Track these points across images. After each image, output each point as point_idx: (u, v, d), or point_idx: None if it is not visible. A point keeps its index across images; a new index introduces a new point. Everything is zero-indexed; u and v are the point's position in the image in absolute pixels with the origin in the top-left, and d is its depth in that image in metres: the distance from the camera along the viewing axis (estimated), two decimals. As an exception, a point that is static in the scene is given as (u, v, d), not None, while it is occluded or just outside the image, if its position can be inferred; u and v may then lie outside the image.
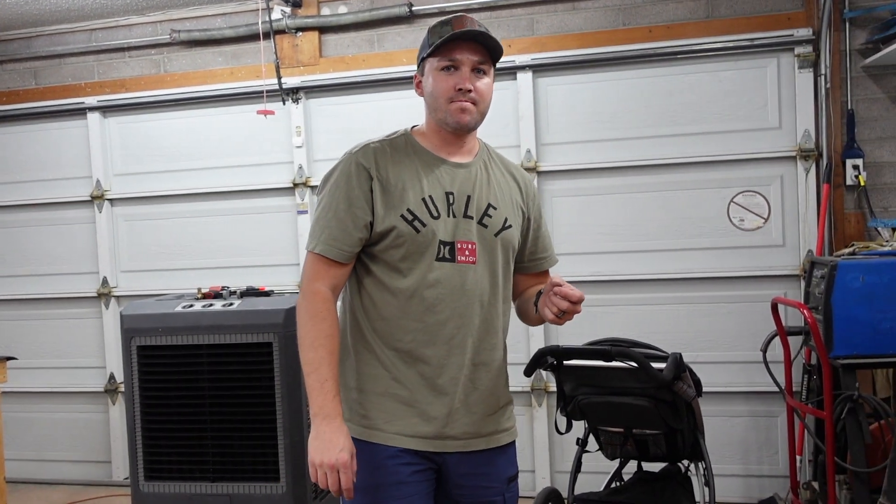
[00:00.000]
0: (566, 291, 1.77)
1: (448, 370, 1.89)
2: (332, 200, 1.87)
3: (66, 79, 4.93)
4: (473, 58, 1.88)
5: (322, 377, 1.80)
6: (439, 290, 1.87)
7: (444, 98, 1.88)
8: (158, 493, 3.45)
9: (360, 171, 1.88)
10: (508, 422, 2.03)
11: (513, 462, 2.04)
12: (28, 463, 5.02)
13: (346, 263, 1.88)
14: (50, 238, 4.98)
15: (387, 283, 1.88)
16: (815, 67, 3.90)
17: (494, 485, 1.97)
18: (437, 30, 1.89)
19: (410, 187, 1.88)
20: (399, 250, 1.86)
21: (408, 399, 1.88)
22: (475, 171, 1.97)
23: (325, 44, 4.53)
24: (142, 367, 3.48)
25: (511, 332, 4.50)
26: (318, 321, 1.83)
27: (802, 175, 3.94)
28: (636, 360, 2.65)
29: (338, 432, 1.77)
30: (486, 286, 1.93)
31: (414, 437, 1.87)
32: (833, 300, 3.17)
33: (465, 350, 1.90)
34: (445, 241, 1.88)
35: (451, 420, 1.89)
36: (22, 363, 4.53)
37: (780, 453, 4.03)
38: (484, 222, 1.92)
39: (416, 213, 1.86)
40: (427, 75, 1.92)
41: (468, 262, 1.89)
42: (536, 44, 4.22)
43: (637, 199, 4.15)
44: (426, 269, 1.86)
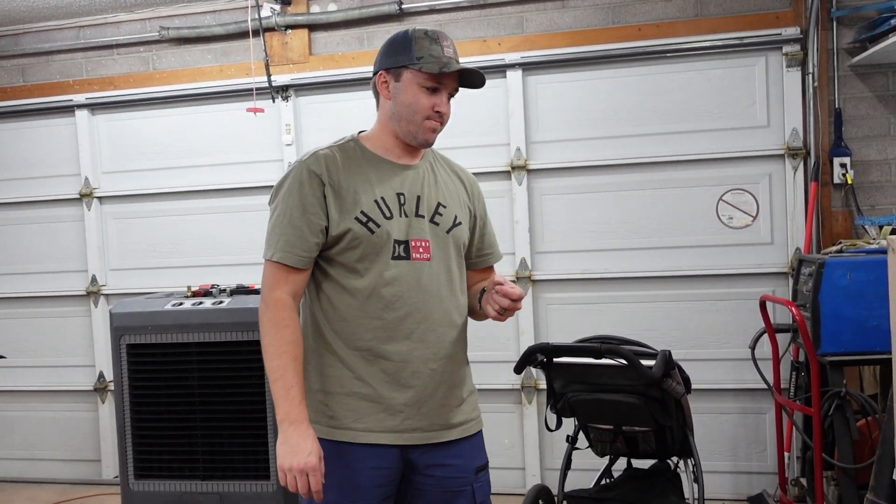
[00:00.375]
0: (507, 290, 1.85)
1: (410, 365, 1.94)
2: (287, 208, 1.91)
3: (55, 76, 4.90)
4: (454, 84, 1.97)
5: (287, 384, 1.84)
6: (397, 288, 1.92)
7: (422, 115, 1.94)
8: (148, 491, 3.44)
9: (312, 177, 1.92)
10: (474, 412, 2.09)
11: (481, 452, 2.09)
12: (17, 462, 4.99)
13: (304, 269, 1.92)
14: (38, 236, 4.95)
15: (345, 285, 1.93)
16: (803, 66, 3.92)
17: (462, 475, 2.00)
18: (427, 46, 1.92)
19: (362, 190, 1.93)
20: (355, 252, 1.91)
21: (372, 396, 1.92)
22: (423, 171, 2.03)
23: (314, 41, 4.52)
24: (131, 366, 3.47)
25: (500, 330, 4.54)
26: (280, 329, 1.87)
27: (790, 173, 3.97)
28: (626, 358, 2.66)
29: (305, 436, 1.82)
30: (442, 281, 1.99)
31: (382, 431, 1.92)
32: (821, 298, 3.20)
33: (427, 344, 1.95)
34: (400, 239, 1.94)
35: (417, 413, 1.94)
36: (10, 362, 4.54)
37: (768, 450, 4.05)
38: (435, 220, 1.99)
39: (370, 215, 1.91)
40: (406, 85, 1.94)
41: (423, 258, 1.95)
42: (526, 42, 4.23)
43: (626, 197, 4.17)
44: (383, 267, 1.92)
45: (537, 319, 4.28)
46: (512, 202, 4.26)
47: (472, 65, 4.32)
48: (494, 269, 2.21)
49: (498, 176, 4.29)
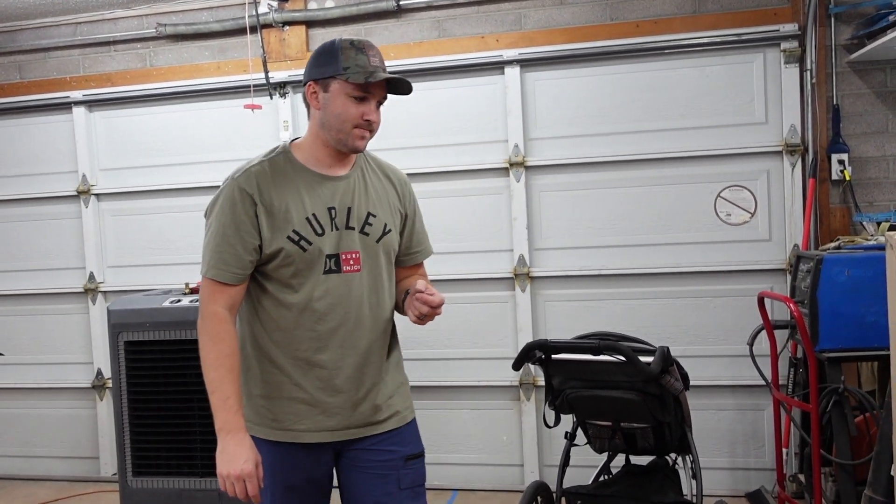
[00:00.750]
0: (426, 298, 1.94)
1: (343, 371, 2.04)
2: (220, 226, 1.98)
3: (51, 73, 4.89)
4: (382, 93, 2.02)
5: (224, 395, 1.94)
6: (328, 301, 2.00)
7: (351, 124, 1.98)
8: (146, 488, 3.45)
9: (244, 196, 1.97)
10: (404, 403, 2.19)
11: (413, 441, 2.17)
12: (15, 459, 4.99)
13: (239, 284, 2.00)
14: (36, 233, 4.94)
15: (280, 299, 2.01)
16: (801, 63, 3.92)
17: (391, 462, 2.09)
18: (353, 56, 1.95)
19: (293, 207, 1.99)
20: (289, 269, 1.99)
21: (310, 400, 2.03)
22: (353, 181, 2.08)
23: (312, 38, 4.51)
24: (129, 363, 3.47)
25: (498, 327, 4.55)
26: (216, 342, 1.96)
27: (788, 170, 3.97)
28: (624, 354, 2.66)
29: (241, 445, 1.93)
30: (372, 290, 2.07)
31: (320, 431, 2.03)
32: (819, 294, 3.20)
33: (358, 350, 2.05)
34: (331, 253, 2.01)
35: (352, 413, 2.05)
36: (8, 359, 4.53)
37: (766, 446, 4.06)
38: (365, 231, 2.06)
39: (302, 233, 1.98)
40: (334, 96, 1.97)
41: (353, 270, 2.03)
42: (524, 38, 4.22)
43: (624, 194, 4.17)
44: (315, 283, 1.99)
45: (535, 316, 4.28)
46: (510, 199, 4.26)
47: (471, 61, 4.36)
48: (424, 266, 2.30)
49: (496, 172, 4.29)
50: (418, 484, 2.14)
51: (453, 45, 4.30)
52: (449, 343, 4.39)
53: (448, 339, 4.39)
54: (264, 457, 2.00)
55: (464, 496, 4.30)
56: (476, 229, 4.34)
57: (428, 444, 4.55)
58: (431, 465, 4.48)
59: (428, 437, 4.52)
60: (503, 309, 4.33)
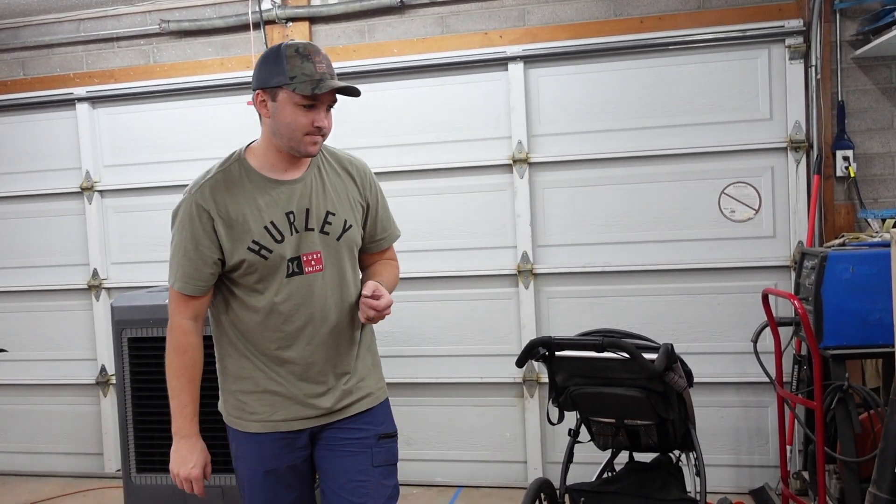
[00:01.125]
0: (371, 303, 2.00)
1: (314, 365, 2.11)
2: (181, 240, 2.05)
3: (55, 69, 4.89)
4: (331, 98, 2.03)
5: (182, 402, 2.08)
6: (292, 302, 2.06)
7: (301, 132, 1.99)
8: (150, 485, 3.45)
9: (201, 212, 2.02)
10: (377, 384, 2.24)
11: (385, 421, 2.23)
12: (19, 455, 5.00)
13: (203, 295, 2.08)
14: (40, 230, 4.95)
15: (247, 303, 2.08)
16: (806, 59, 3.90)
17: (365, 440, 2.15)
18: (300, 65, 1.94)
19: (251, 217, 2.02)
20: (253, 276, 2.04)
21: (285, 392, 2.11)
22: (310, 182, 2.10)
23: (315, 34, 4.50)
24: (133, 359, 3.48)
25: (502, 324, 4.54)
26: (179, 353, 2.07)
27: (793, 166, 3.95)
28: (628, 351, 2.66)
29: (192, 450, 2.08)
30: (336, 286, 2.11)
31: (297, 419, 2.11)
32: (823, 291, 3.19)
33: (327, 345, 2.11)
34: (292, 257, 2.05)
35: (325, 400, 2.12)
36: (12, 355, 4.54)
37: (770, 443, 4.05)
38: (325, 230, 2.09)
39: (262, 243, 2.02)
40: (282, 105, 1.98)
41: (316, 270, 2.08)
42: (527, 34, 4.21)
43: (628, 191, 4.16)
44: (278, 286, 2.05)
45: (539, 313, 4.28)
46: (514, 195, 4.25)
47: (474, 57, 4.34)
48: (392, 249, 2.34)
49: (499, 169, 4.28)
50: (391, 462, 2.20)
51: (456, 41, 4.29)
52: (452, 340, 4.39)
53: (451, 335, 4.39)
54: (244, 447, 2.15)
55: (467, 493, 4.30)
56: (479, 226, 4.33)
57: (432, 440, 4.58)
58: (435, 462, 4.52)
59: (432, 434, 4.56)
60: (506, 306, 4.32)
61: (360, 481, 2.12)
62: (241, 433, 2.15)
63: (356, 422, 2.16)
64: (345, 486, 2.11)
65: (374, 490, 2.13)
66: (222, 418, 2.21)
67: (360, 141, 4.36)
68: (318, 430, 2.15)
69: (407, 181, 4.35)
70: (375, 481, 2.13)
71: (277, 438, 2.12)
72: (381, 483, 2.14)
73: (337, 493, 2.12)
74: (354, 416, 2.16)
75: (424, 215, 4.33)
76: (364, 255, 2.27)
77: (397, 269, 2.31)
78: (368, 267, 2.27)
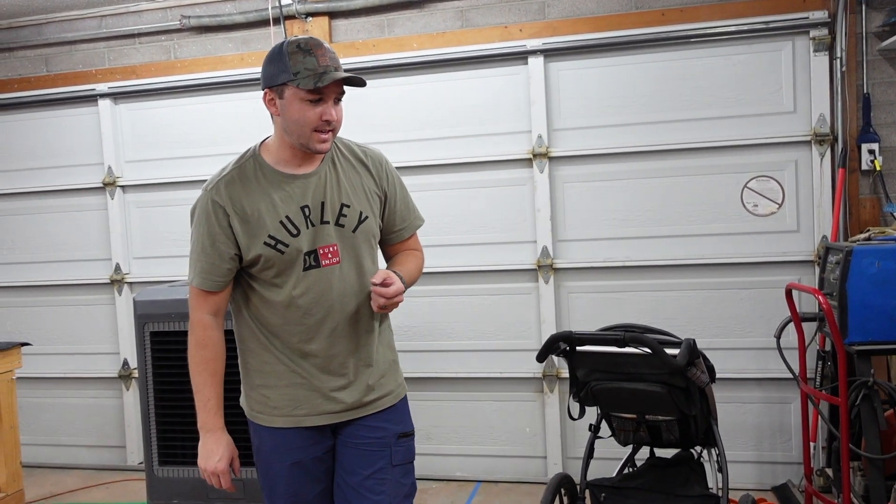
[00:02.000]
0: (380, 290, 1.98)
1: (336, 358, 2.11)
2: (199, 237, 2.07)
3: (77, 65, 4.93)
4: (337, 90, 2.01)
5: (206, 397, 2.10)
6: (311, 296, 2.06)
7: (310, 128, 1.99)
8: (172, 477, 3.48)
9: (217, 208, 2.04)
10: (394, 382, 2.24)
11: (403, 420, 2.23)
12: (43, 448, 5.06)
13: (222, 290, 2.10)
14: (63, 225, 5.00)
15: (266, 297, 2.09)
16: (831, 51, 3.85)
17: (384, 439, 2.16)
18: (302, 60, 1.95)
19: (266, 212, 2.04)
20: (271, 270, 2.06)
21: (308, 385, 2.11)
22: (324, 175, 2.10)
23: (335, 29, 4.51)
24: (155, 353, 3.50)
25: (522, 319, 4.52)
26: (200, 348, 2.10)
27: (817, 160, 3.91)
28: (649, 346, 2.64)
29: (218, 443, 2.11)
30: (353, 278, 2.11)
31: (319, 414, 2.12)
32: (848, 286, 3.15)
33: (348, 337, 2.11)
34: (308, 250, 2.06)
35: (348, 394, 2.13)
36: (36, 349, 4.58)
37: (793, 440, 4.02)
38: (341, 222, 2.09)
39: (278, 237, 2.03)
40: (289, 102, 1.99)
41: (332, 263, 2.08)
42: (548, 28, 4.19)
43: (650, 185, 4.13)
44: (295, 280, 2.06)
45: (559, 308, 4.26)
46: (533, 190, 4.23)
47: (494, 51, 4.32)
48: (416, 237, 2.32)
49: (519, 163, 4.27)
50: (409, 461, 2.20)
51: (476, 35, 4.27)
52: (472, 335, 4.39)
53: (471, 330, 4.38)
54: (269, 441, 2.16)
55: (487, 487, 4.30)
56: (499, 220, 4.32)
57: (451, 435, 4.58)
58: (455, 457, 4.52)
59: (451, 429, 4.56)
60: (526, 300, 4.31)
61: (378, 479, 2.13)
62: (265, 428, 2.16)
63: (376, 420, 2.16)
64: (363, 482, 2.12)
65: (392, 488, 2.14)
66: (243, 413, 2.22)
67: (380, 136, 4.36)
68: (339, 425, 2.16)
69: (427, 176, 4.35)
70: (394, 479, 2.14)
71: (301, 432, 2.13)
72: (400, 482, 2.16)
73: (354, 488, 2.13)
74: (375, 414, 2.17)
75: (444, 210, 4.32)
76: (387, 247, 2.27)
77: (420, 259, 2.30)
78: (391, 258, 2.27)
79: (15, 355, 3.50)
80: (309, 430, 2.13)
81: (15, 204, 5.06)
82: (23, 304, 5.09)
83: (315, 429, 2.14)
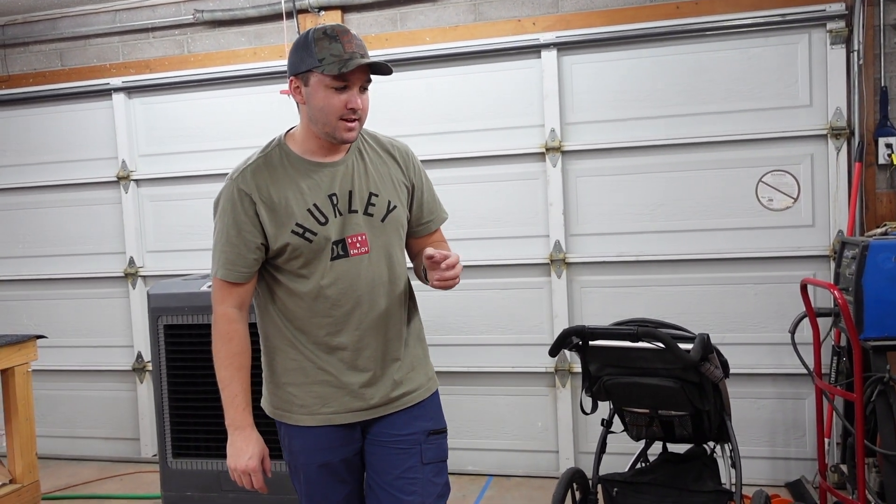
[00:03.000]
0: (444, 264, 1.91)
1: (365, 351, 2.06)
2: (224, 227, 2.02)
3: (91, 60, 4.95)
4: (363, 77, 1.98)
5: (233, 392, 2.03)
6: (339, 287, 2.02)
7: (335, 116, 1.95)
8: (186, 469, 3.50)
9: (243, 196, 2.00)
10: (424, 376, 2.19)
11: (434, 416, 2.18)
12: (59, 440, 5.11)
13: (247, 282, 2.04)
14: (77, 219, 5.03)
15: (293, 289, 2.04)
16: (848, 43, 3.81)
17: (413, 436, 2.11)
18: (328, 46, 1.92)
19: (294, 201, 2.00)
20: (298, 260, 2.01)
21: (335, 382, 2.06)
22: (351, 164, 2.07)
23: (347, 23, 4.50)
24: (168, 346, 3.52)
25: (535, 313, 4.51)
26: (225, 342, 2.03)
27: (833, 154, 3.87)
28: (663, 341, 2.62)
29: (248, 441, 2.04)
30: (383, 268, 2.08)
31: (348, 412, 2.07)
32: (864, 281, 3.13)
33: (376, 330, 2.07)
34: (337, 239, 2.01)
35: (376, 392, 2.08)
36: (51, 342, 4.61)
37: (807, 436, 3.99)
38: (369, 211, 2.05)
39: (305, 225, 1.99)
40: (315, 89, 1.95)
41: (361, 253, 2.04)
42: (561, 21, 4.16)
43: (663, 179, 4.10)
44: (323, 270, 2.01)
45: (571, 302, 4.25)
46: (546, 184, 4.22)
47: (507, 45, 4.30)
48: (441, 231, 2.29)
49: (532, 157, 4.25)
50: (441, 459, 2.15)
51: (489, 28, 4.26)
52: (484, 329, 4.38)
53: (483, 325, 4.38)
54: (297, 441, 2.10)
55: (498, 482, 4.30)
56: (512, 215, 4.31)
57: (463, 429, 4.58)
58: (467, 451, 4.52)
59: (463, 423, 4.55)
60: (539, 295, 4.30)
61: (409, 479, 2.07)
62: (293, 427, 2.10)
63: (406, 416, 2.11)
64: (393, 482, 2.07)
65: (423, 488, 2.08)
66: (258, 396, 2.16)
67: (392, 130, 4.29)
68: (368, 424, 2.11)
69: (439, 170, 4.33)
70: (425, 479, 2.08)
71: (329, 432, 2.08)
72: (432, 481, 2.10)
73: (385, 489, 2.07)
74: (404, 411, 2.11)
75: (456, 204, 4.31)
76: (413, 241, 2.23)
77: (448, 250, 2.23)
78: (419, 253, 2.20)
79: (30, 348, 3.52)
80: (338, 429, 2.08)
81: (30, 198, 5.10)
82: (38, 297, 5.12)
83: (344, 428, 2.09)
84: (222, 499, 3.41)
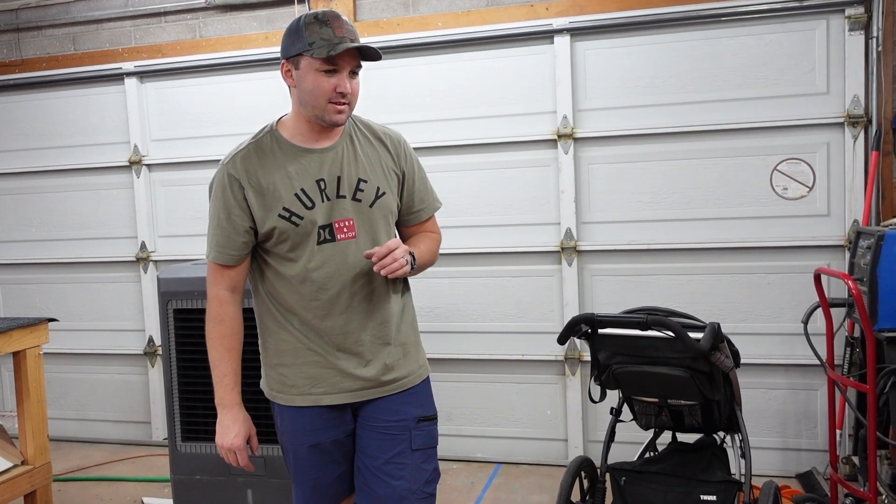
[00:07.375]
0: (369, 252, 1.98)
1: (351, 335, 2.09)
2: (215, 211, 2.10)
3: (104, 44, 4.95)
4: (353, 62, 2.01)
5: (222, 372, 2.11)
6: (326, 270, 2.05)
7: (325, 99, 1.99)
8: (195, 453, 3.51)
9: (232, 181, 2.06)
10: (415, 363, 2.22)
11: (425, 403, 2.21)
12: (70, 422, 5.15)
13: (238, 264, 2.11)
14: (89, 203, 5.05)
15: (281, 272, 2.09)
16: (867, 30, 3.75)
17: (403, 422, 2.14)
18: (318, 30, 1.95)
19: (282, 186, 2.04)
20: (286, 244, 2.06)
21: (325, 363, 2.10)
22: (341, 150, 2.10)
23: (359, 8, 4.47)
24: (178, 330, 3.52)
25: (544, 301, 4.49)
26: (216, 323, 2.11)
27: (850, 142, 3.82)
28: (673, 330, 2.60)
29: (234, 420, 2.11)
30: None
31: (338, 392, 2.11)
32: (879, 271, 3.09)
33: (364, 314, 2.10)
34: (324, 224, 2.05)
35: (366, 373, 2.11)
36: (63, 325, 4.63)
37: (819, 427, 3.96)
38: (357, 197, 2.08)
39: (292, 209, 2.03)
40: (305, 72, 1.99)
41: (348, 237, 2.07)
42: (574, 6, 4.12)
43: (677, 167, 4.06)
44: (310, 254, 2.05)
45: (582, 290, 4.22)
46: (558, 171, 4.19)
47: (519, 30, 4.26)
48: (434, 220, 2.31)
49: (544, 144, 4.22)
50: (430, 446, 2.18)
51: (502, 13, 4.22)
52: (494, 317, 4.37)
53: (493, 312, 4.37)
54: (288, 421, 2.15)
55: (507, 469, 4.30)
56: (523, 202, 4.28)
57: (473, 417, 4.57)
58: (476, 438, 4.52)
59: (473, 411, 4.55)
60: (549, 283, 4.28)
61: (398, 464, 2.11)
62: (285, 408, 2.15)
63: (396, 402, 2.14)
64: (382, 467, 2.10)
65: (412, 473, 2.11)
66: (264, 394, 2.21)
67: (403, 116, 4.34)
68: (359, 407, 2.15)
69: (450, 156, 4.32)
70: (414, 465, 2.12)
71: (321, 413, 2.12)
72: (420, 467, 2.13)
73: (374, 473, 2.11)
74: (395, 396, 2.15)
75: (467, 191, 4.30)
76: (403, 228, 2.26)
77: (437, 242, 2.28)
78: (409, 240, 2.24)
79: (42, 331, 3.53)
80: (328, 410, 2.12)
81: (42, 182, 5.12)
82: (50, 281, 5.16)
83: (335, 410, 2.12)
84: (231, 482, 3.42)
